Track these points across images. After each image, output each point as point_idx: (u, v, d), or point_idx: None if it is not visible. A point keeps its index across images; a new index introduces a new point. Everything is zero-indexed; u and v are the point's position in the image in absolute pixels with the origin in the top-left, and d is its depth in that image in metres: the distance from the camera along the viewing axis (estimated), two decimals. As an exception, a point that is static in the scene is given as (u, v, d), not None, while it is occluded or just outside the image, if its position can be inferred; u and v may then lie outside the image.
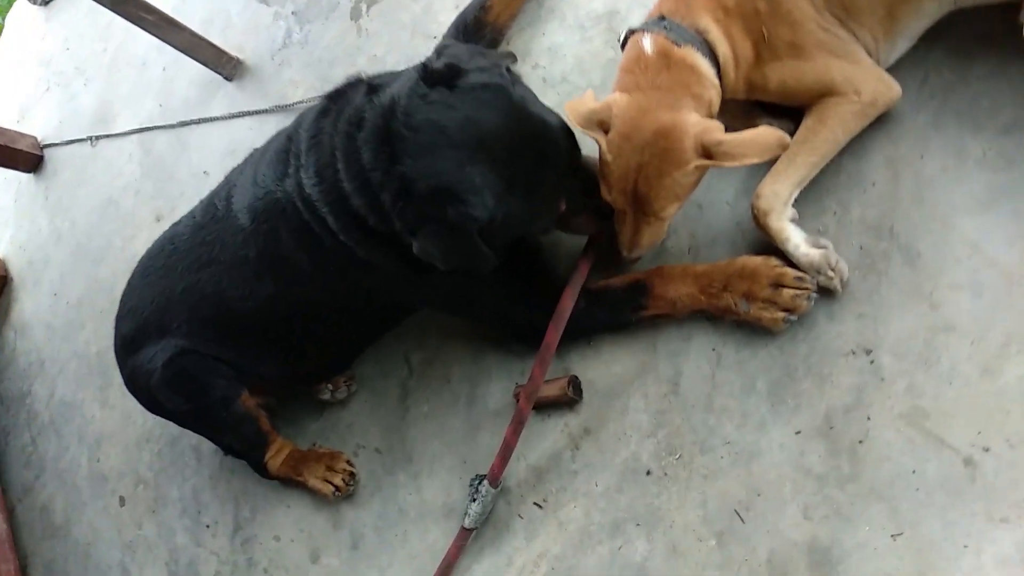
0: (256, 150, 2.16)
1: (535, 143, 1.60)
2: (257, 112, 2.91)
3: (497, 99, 1.57)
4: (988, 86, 1.55)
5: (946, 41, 1.61)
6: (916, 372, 1.51)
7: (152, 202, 3.21)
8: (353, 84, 1.85)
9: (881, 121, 1.64)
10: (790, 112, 1.69)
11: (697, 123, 1.51)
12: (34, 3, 4.05)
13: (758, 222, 1.63)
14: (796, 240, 1.61)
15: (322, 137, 1.78)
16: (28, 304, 3.59)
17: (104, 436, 3.02)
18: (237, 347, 2.11)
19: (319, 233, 1.81)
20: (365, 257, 1.80)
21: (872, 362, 1.56)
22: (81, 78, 3.78)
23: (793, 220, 1.62)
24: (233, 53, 3.03)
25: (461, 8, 2.42)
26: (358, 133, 1.63)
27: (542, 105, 1.66)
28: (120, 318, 2.32)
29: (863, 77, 1.55)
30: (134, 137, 3.39)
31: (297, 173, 1.81)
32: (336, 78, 2.64)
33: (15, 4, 4.36)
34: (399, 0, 2.60)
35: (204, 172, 3.03)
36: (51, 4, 4.10)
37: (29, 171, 3.81)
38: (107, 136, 3.51)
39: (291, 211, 1.84)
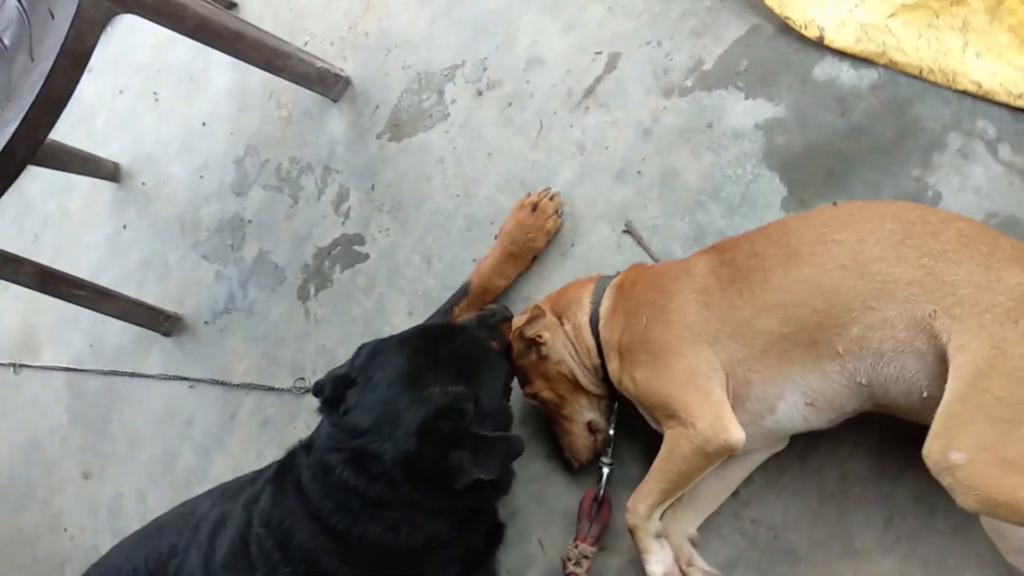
0: (195, 506, 2.06)
1: (431, 337, 1.82)
2: (197, 380, 2.79)
3: (384, 350, 1.78)
4: (952, 543, 1.55)
5: (908, 485, 1.62)
6: None
7: (80, 455, 3.05)
8: (290, 457, 1.87)
9: (849, 555, 1.64)
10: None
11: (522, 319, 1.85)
12: (-45, 205, 3.85)
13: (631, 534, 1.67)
14: (653, 561, 1.64)
15: (290, 518, 1.73)
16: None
17: None
18: None
19: None
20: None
21: None
22: (4, 295, 3.60)
23: (659, 535, 1.65)
24: (171, 309, 2.92)
25: (413, 314, 2.38)
26: (327, 478, 1.68)
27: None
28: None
29: (702, 410, 1.51)
30: (61, 375, 3.23)
31: (274, 573, 1.72)
32: (283, 361, 2.61)
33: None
34: (349, 292, 2.54)
35: (139, 437, 2.88)
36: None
37: (-56, 390, 3.58)
38: (32, 367, 3.33)
39: None
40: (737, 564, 1.76)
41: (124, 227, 3.27)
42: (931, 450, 1.30)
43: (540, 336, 1.80)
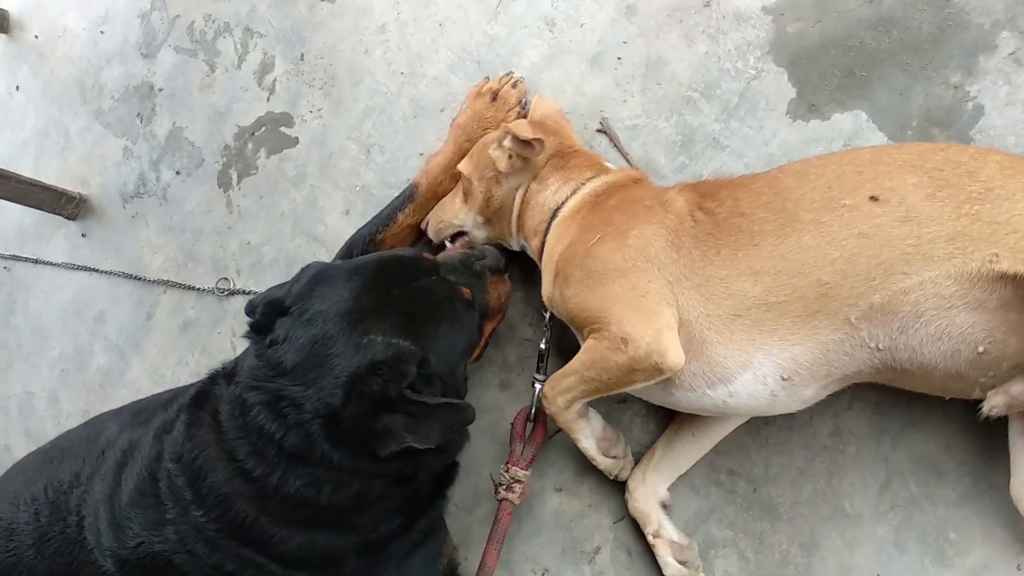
0: (102, 428, 1.82)
1: (388, 272, 1.49)
2: (108, 272, 2.47)
3: (328, 277, 1.47)
4: (958, 515, 1.39)
5: (913, 446, 1.43)
6: None
7: (-17, 348, 2.74)
8: (209, 382, 1.62)
9: (837, 518, 1.47)
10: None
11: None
12: None
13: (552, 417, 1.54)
14: (586, 443, 1.55)
15: (204, 455, 1.50)
16: None
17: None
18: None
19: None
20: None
21: None
22: None
23: (583, 417, 1.52)
24: (74, 189, 2.55)
25: (350, 213, 2.07)
26: (244, 418, 1.43)
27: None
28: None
29: (641, 329, 1.29)
30: (-44, 257, 2.86)
31: (185, 516, 1.50)
32: (203, 257, 2.29)
33: None
34: (276, 182, 2.20)
35: (46, 331, 2.58)
36: None
37: None
38: (-78, 246, 2.95)
39: (183, 560, 1.53)
40: (709, 518, 1.59)
41: (16, 88, 2.82)
42: None
43: (528, 149, 1.56)
